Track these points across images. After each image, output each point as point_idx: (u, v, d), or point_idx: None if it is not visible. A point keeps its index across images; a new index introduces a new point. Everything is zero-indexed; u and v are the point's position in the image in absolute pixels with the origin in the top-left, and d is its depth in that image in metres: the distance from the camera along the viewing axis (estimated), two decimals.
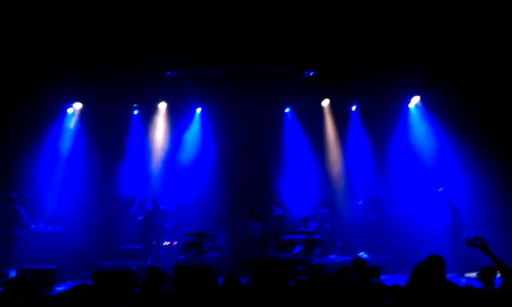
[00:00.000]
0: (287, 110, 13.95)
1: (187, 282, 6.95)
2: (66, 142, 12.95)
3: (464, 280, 9.78)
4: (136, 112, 13.56)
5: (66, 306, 3.82)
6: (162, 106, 13.63)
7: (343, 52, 11.10)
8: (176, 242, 11.87)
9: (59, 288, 8.89)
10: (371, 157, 13.31)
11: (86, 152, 12.85)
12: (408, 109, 13.37)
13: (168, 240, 12.04)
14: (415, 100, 13.24)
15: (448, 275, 8.24)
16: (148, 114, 13.59)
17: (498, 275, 4.26)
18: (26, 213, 10.92)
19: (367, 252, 12.09)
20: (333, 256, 12.12)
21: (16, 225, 10.65)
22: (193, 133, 13.72)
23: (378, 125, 13.24)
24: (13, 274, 9.39)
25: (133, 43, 10.36)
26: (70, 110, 13.06)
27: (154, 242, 11.85)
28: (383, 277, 8.74)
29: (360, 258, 7.63)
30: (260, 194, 12.99)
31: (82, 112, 13.08)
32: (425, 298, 3.00)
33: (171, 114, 13.66)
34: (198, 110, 13.77)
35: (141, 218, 12.05)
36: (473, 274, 9.07)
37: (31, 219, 11.13)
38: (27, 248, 10.71)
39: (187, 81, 12.32)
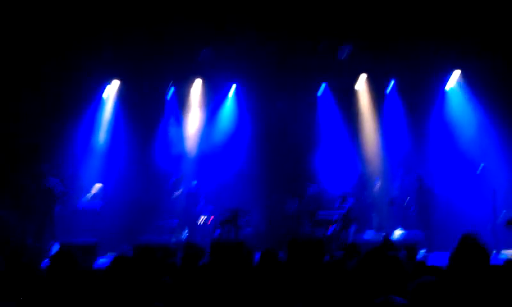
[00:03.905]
0: (323, 86, 13.75)
1: (223, 257, 7.04)
2: (104, 120, 13.21)
3: (505, 256, 9.63)
4: (171, 89, 13.65)
5: (109, 275, 3.93)
6: (198, 83, 13.68)
7: (380, 25, 10.80)
8: (212, 217, 12.02)
9: (102, 261, 9.18)
10: (408, 134, 13.02)
11: (124, 129, 13.09)
12: (447, 83, 12.98)
13: (204, 215, 12.21)
14: (456, 74, 12.84)
15: None
16: (184, 90, 13.65)
17: None
18: (65, 188, 11.04)
19: (403, 229, 11.96)
20: (368, 233, 12.02)
21: (53, 200, 10.79)
22: (228, 110, 13.75)
23: (416, 100, 12.89)
24: (56, 247, 9.73)
25: (169, 17, 10.35)
26: (108, 88, 13.28)
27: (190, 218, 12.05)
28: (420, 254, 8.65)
29: (388, 238, 7.53)
30: (295, 170, 12.93)
31: (120, 89, 13.28)
32: (469, 276, 2.94)
33: (207, 90, 13.68)
34: (233, 86, 13.75)
35: (177, 194, 12.24)
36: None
37: (71, 195, 11.40)
38: (69, 223, 11.06)
39: (222, 58, 12.29)
